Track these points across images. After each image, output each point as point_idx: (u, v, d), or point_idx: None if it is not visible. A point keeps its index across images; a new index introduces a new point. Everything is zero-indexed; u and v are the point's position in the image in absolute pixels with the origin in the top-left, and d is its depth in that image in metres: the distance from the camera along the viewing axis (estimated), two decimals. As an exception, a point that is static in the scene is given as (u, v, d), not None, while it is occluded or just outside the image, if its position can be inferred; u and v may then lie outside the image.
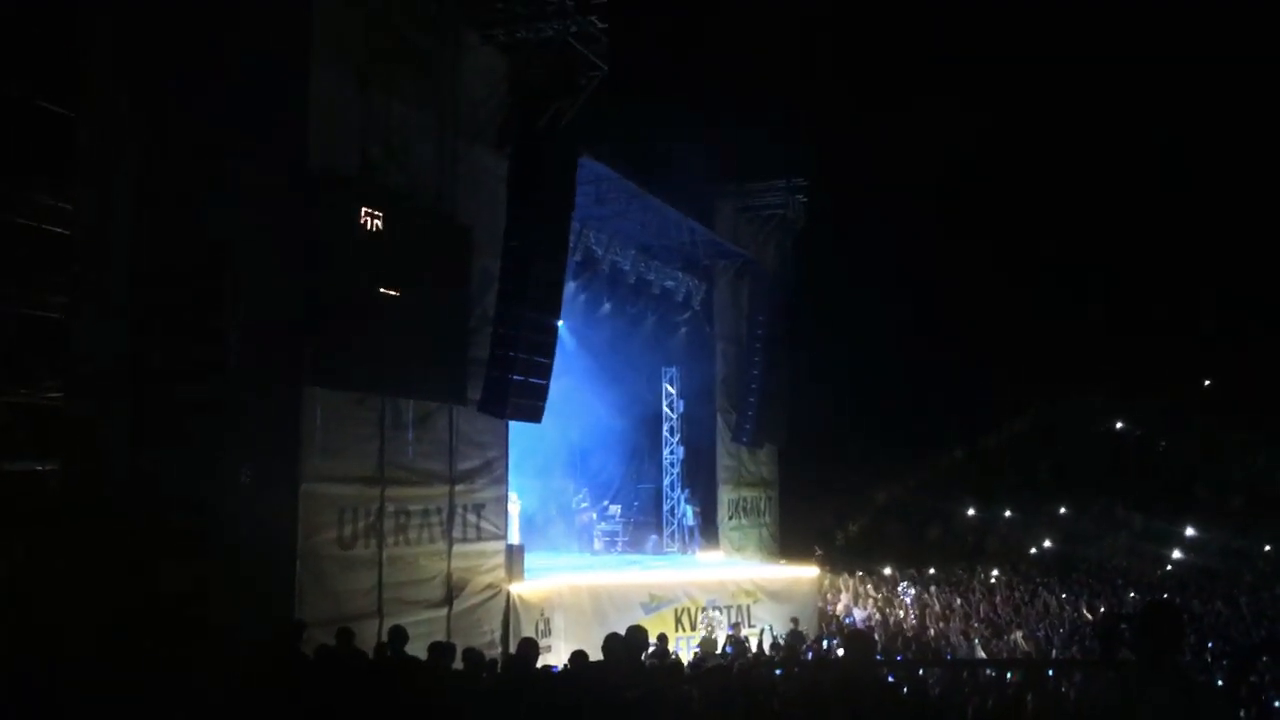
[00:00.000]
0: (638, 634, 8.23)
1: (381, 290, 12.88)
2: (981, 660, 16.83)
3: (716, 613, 19.07)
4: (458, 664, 9.64)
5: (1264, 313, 40.45)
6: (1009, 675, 12.18)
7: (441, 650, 9.58)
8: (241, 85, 12.07)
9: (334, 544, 12.40)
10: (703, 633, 18.39)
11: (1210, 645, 17.53)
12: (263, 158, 12.10)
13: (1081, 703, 10.44)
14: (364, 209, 12.61)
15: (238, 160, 12.12)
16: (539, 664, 9.15)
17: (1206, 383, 43.36)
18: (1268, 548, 32.63)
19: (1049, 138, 41.82)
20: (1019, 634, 19.53)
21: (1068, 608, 22.55)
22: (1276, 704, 12.49)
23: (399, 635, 10.01)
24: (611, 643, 8.02)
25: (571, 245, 17.66)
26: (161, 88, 12.81)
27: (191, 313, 12.46)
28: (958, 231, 39.37)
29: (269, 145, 12.10)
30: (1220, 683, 12.13)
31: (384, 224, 12.82)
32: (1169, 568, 31.67)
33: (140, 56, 13.04)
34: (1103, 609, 21.88)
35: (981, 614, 22.18)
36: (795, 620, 19.07)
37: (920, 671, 13.05)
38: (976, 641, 19.30)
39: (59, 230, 14.05)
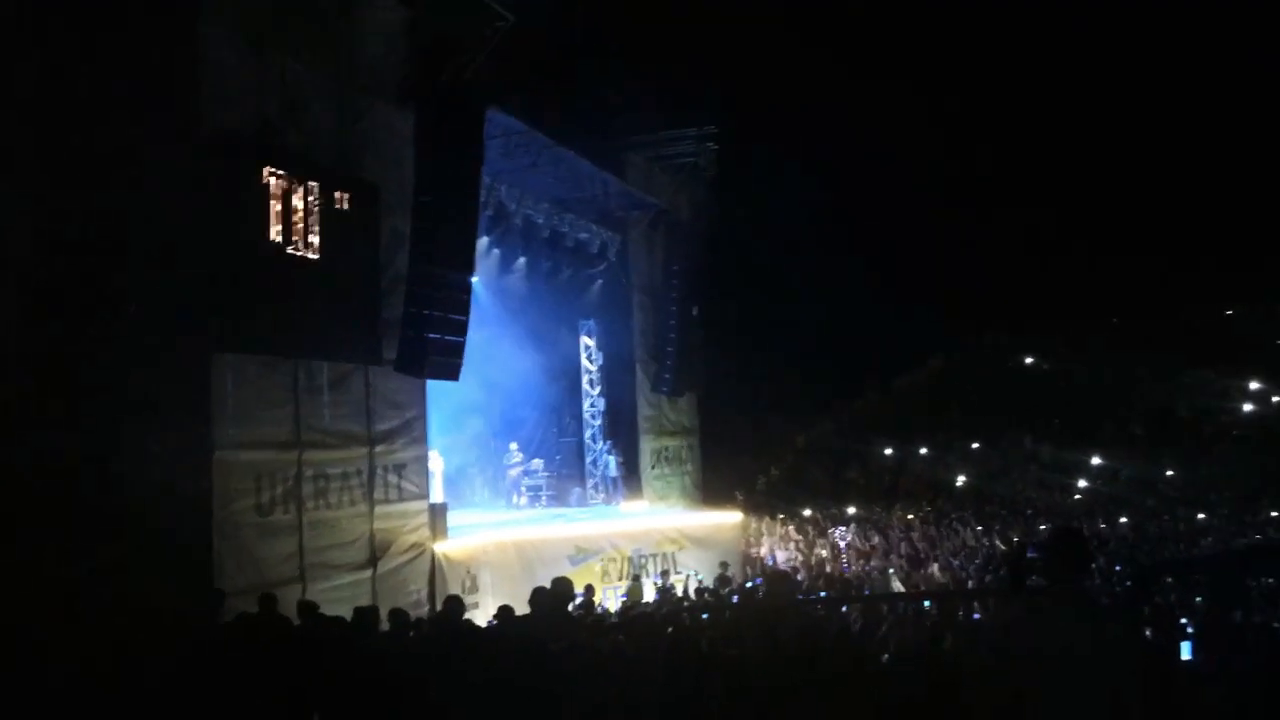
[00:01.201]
0: (563, 585, 8.29)
1: (290, 253, 12.64)
2: (899, 594, 17.28)
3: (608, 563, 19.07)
4: (384, 625, 9.63)
5: (1162, 248, 41.70)
6: (926, 605, 12.53)
7: (365, 614, 9.56)
8: (130, 49, 11.70)
9: (252, 511, 12.24)
10: (629, 582, 18.58)
11: (1118, 568, 18.20)
12: (156, 123, 11.71)
13: (995, 630, 10.78)
14: (266, 169, 12.35)
15: (131, 126, 11.72)
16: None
17: (1113, 320, 44.73)
18: (1170, 473, 33.91)
19: (960, 76, 42.29)
20: (935, 567, 20.07)
21: (982, 540, 23.23)
22: (1183, 621, 13.02)
23: (307, 609, 9.99)
24: (538, 596, 8.08)
25: (482, 200, 17.44)
26: (48, 54, 12.31)
27: (91, 285, 12.08)
28: (868, 174, 39.76)
29: (162, 110, 11.73)
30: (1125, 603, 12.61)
31: (287, 185, 12.57)
32: (1077, 497, 32.75)
33: (23, 22, 12.50)
34: (1016, 539, 22.57)
35: (902, 551, 22.73)
36: (725, 564, 19.34)
37: (845, 609, 13.36)
38: (892, 573, 19.79)
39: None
